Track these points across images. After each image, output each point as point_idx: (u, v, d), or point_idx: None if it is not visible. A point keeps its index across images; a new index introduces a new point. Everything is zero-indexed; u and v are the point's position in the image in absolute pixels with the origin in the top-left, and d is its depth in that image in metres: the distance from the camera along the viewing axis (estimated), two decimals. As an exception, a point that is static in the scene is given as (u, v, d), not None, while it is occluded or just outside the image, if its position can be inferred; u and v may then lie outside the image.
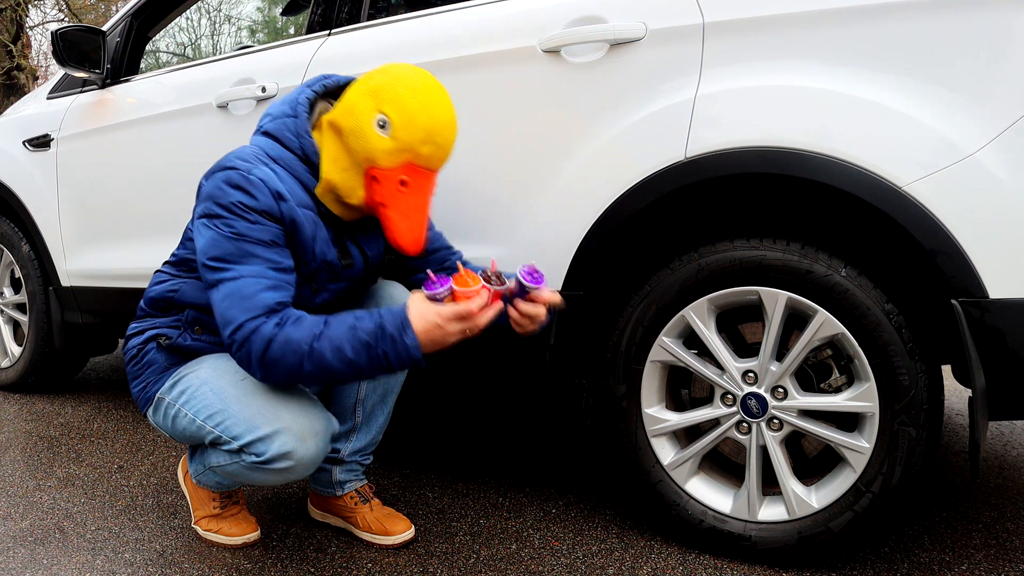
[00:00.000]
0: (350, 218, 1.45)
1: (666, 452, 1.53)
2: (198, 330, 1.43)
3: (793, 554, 1.42)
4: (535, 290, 1.32)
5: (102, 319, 2.46)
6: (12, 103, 4.75)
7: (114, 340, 2.80)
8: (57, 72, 2.82)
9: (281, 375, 1.26)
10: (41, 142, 2.51)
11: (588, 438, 2.21)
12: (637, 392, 1.52)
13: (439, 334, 1.23)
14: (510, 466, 1.99)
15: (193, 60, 2.29)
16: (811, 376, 1.44)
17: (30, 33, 13.15)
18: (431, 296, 1.25)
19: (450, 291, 1.25)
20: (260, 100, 1.93)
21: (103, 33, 2.34)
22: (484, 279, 1.28)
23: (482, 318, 1.26)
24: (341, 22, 1.89)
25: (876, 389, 1.34)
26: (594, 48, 1.50)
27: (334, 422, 1.39)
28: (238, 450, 1.31)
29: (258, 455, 1.29)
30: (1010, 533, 1.60)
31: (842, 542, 1.39)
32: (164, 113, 2.15)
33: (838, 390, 1.42)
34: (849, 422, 1.42)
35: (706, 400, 1.54)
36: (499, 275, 1.32)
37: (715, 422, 1.48)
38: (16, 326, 2.86)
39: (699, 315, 1.45)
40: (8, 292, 2.84)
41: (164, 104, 2.16)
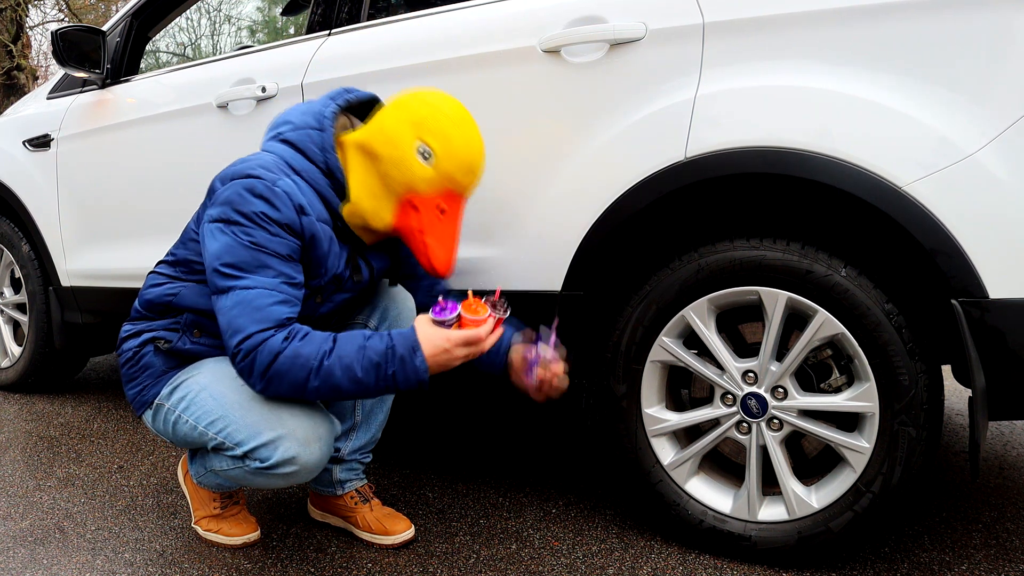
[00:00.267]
0: (370, 241, 1.47)
1: (666, 452, 1.53)
2: (197, 333, 1.42)
3: (793, 554, 1.42)
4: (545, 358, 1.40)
5: (102, 319, 2.46)
6: (12, 103, 4.74)
7: (114, 340, 2.80)
8: (57, 72, 2.82)
9: (283, 389, 1.26)
10: (41, 142, 2.51)
11: (588, 438, 2.21)
12: (637, 392, 1.52)
13: (445, 358, 1.27)
14: (510, 466, 1.99)
15: (193, 60, 2.29)
16: (811, 376, 1.44)
17: (30, 33, 13.15)
18: (438, 321, 1.29)
19: (458, 317, 1.30)
20: (260, 100, 1.93)
21: (103, 33, 2.34)
22: (490, 306, 1.32)
23: (486, 344, 1.31)
24: (341, 22, 1.89)
25: (876, 389, 1.34)
26: (594, 48, 1.50)
27: (336, 424, 1.40)
28: (241, 456, 1.31)
29: (262, 461, 1.29)
30: (1010, 533, 1.60)
31: (842, 542, 1.39)
32: (164, 113, 2.15)
33: (838, 390, 1.42)
34: (849, 422, 1.42)
35: (706, 400, 1.54)
36: (504, 302, 1.35)
37: (715, 422, 1.48)
38: (16, 326, 2.86)
39: (699, 315, 1.45)
40: (8, 292, 2.84)
41: (164, 104, 2.16)
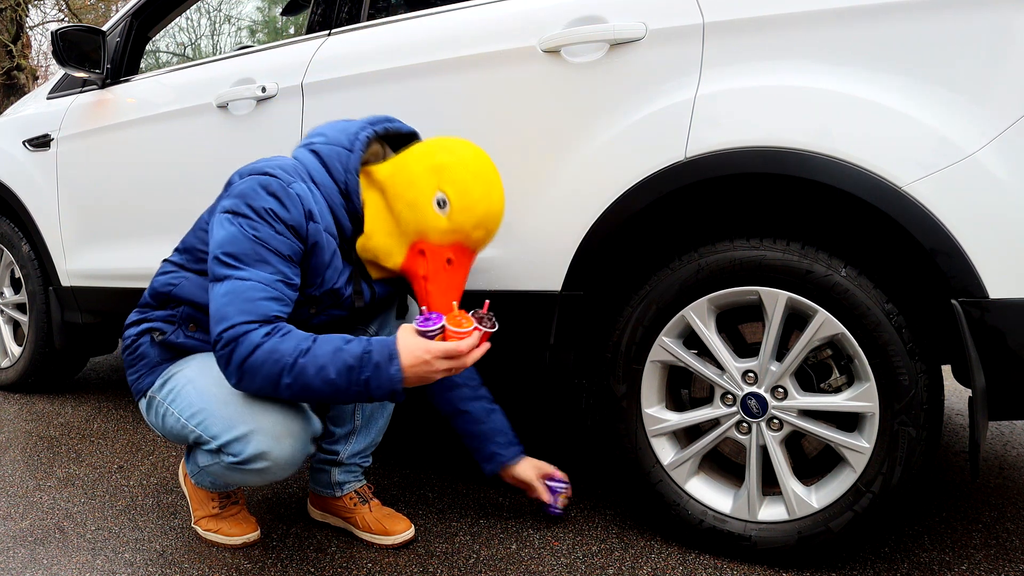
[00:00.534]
0: (377, 276, 1.47)
1: (666, 452, 1.53)
2: (192, 328, 1.43)
3: (793, 554, 1.42)
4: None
5: (102, 319, 2.46)
6: (12, 103, 4.75)
7: (114, 340, 2.80)
8: (57, 72, 2.82)
9: (257, 384, 1.25)
10: (41, 142, 2.51)
11: (588, 438, 2.21)
12: (637, 392, 1.52)
13: (425, 370, 1.24)
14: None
15: (193, 60, 2.29)
16: (811, 376, 1.44)
17: (30, 33, 13.15)
18: (422, 332, 1.25)
19: (442, 329, 1.26)
20: (260, 100, 1.93)
21: (103, 33, 2.34)
22: (476, 319, 1.29)
23: (470, 358, 1.27)
24: (341, 22, 1.89)
25: (876, 389, 1.34)
26: (594, 48, 1.49)
27: (315, 423, 1.37)
28: (217, 450, 1.31)
29: (235, 455, 1.29)
30: (1010, 533, 1.60)
31: (842, 542, 1.39)
32: (164, 113, 2.15)
33: (838, 390, 1.42)
34: (849, 422, 1.42)
35: (706, 400, 1.54)
36: (491, 316, 1.32)
37: (715, 422, 1.48)
38: (16, 326, 2.86)
39: (699, 315, 1.45)
40: (8, 292, 2.84)
41: (164, 104, 2.16)
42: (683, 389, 1.61)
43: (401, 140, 1.51)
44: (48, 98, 2.60)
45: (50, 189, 2.48)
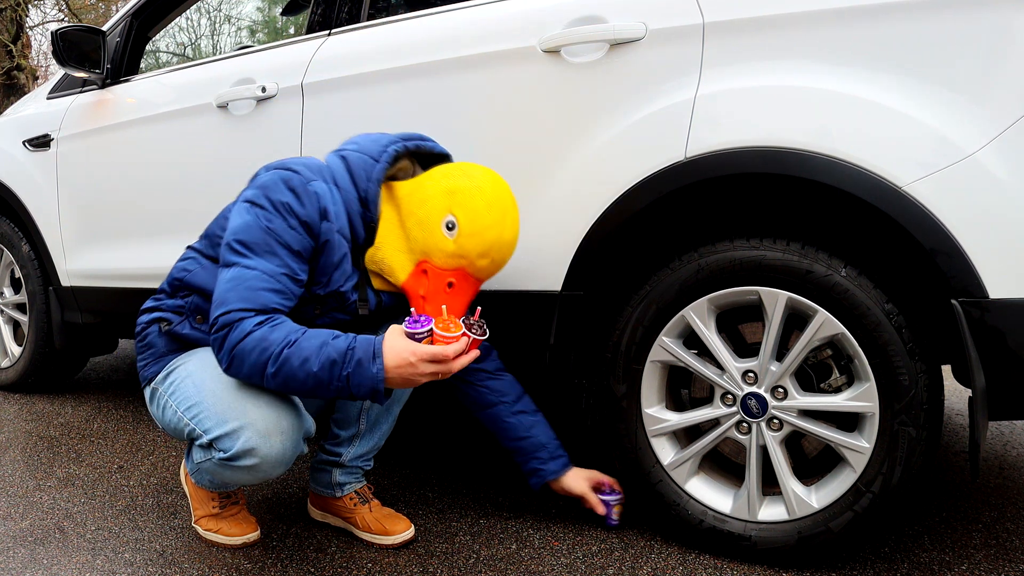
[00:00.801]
0: (380, 288, 1.47)
1: (666, 452, 1.53)
2: (199, 320, 1.44)
3: (793, 554, 1.42)
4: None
5: (102, 319, 2.46)
6: (12, 103, 4.74)
7: (114, 340, 2.80)
8: (57, 72, 2.82)
9: (245, 370, 1.26)
10: (41, 142, 2.51)
11: (588, 438, 2.21)
12: (637, 392, 1.52)
13: (409, 372, 1.23)
14: (510, 466, 1.99)
15: (193, 60, 2.29)
16: (811, 376, 1.44)
17: (30, 33, 13.15)
18: (410, 333, 1.24)
19: (430, 332, 1.25)
20: (260, 100, 1.93)
21: (103, 33, 2.34)
22: (466, 326, 1.28)
23: (456, 364, 1.26)
24: (341, 22, 1.89)
25: (876, 389, 1.34)
26: (594, 48, 1.50)
27: (308, 422, 1.37)
28: (208, 445, 1.32)
29: (224, 451, 1.29)
30: (1010, 533, 1.60)
31: (842, 542, 1.39)
32: (164, 113, 2.15)
33: (838, 390, 1.42)
34: (849, 422, 1.42)
35: (706, 400, 1.54)
36: (482, 324, 1.32)
37: (715, 422, 1.48)
38: (16, 326, 2.86)
39: (699, 315, 1.45)
40: (8, 292, 2.84)
41: (164, 104, 2.16)
42: (683, 389, 1.61)
43: (433, 160, 1.52)
44: (48, 98, 2.60)
45: (50, 189, 2.48)
